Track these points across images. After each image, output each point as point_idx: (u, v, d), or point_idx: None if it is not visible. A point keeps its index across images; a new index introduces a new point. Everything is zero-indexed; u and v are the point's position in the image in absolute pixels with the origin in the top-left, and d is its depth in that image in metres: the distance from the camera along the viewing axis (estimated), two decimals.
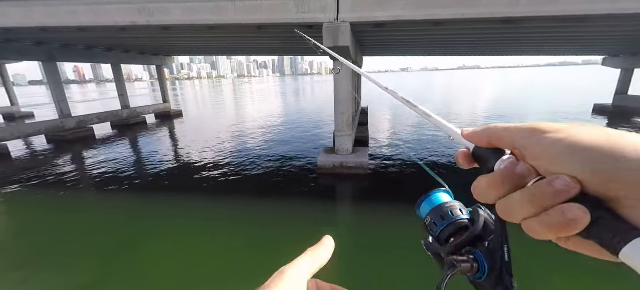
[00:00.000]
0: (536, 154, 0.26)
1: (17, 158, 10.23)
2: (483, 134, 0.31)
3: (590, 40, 10.96)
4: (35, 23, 7.43)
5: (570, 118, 14.82)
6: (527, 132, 0.27)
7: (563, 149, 0.24)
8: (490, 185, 0.28)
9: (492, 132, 0.30)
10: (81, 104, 33.48)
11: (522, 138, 0.27)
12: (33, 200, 6.65)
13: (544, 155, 0.25)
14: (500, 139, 0.30)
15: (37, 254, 4.50)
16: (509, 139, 0.29)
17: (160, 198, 6.58)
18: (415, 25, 7.02)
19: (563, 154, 0.24)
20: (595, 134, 0.23)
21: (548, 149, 0.25)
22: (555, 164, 0.24)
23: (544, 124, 0.27)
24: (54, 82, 13.29)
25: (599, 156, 0.22)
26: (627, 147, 0.21)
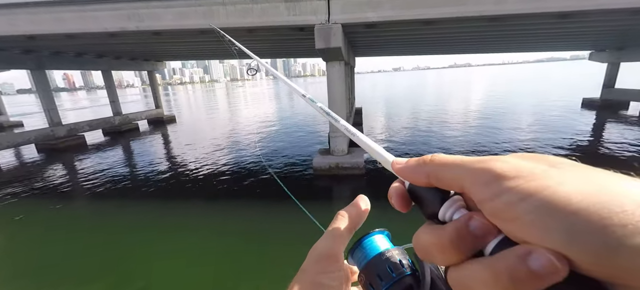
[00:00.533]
0: (496, 210, 0.18)
1: (7, 168, 10.01)
2: (419, 171, 0.24)
3: (577, 35, 11.22)
4: (21, 31, 7.31)
5: (560, 112, 15.13)
6: (481, 177, 0.19)
7: (537, 209, 0.16)
8: (436, 246, 0.20)
9: (432, 169, 0.23)
10: (71, 112, 32.92)
11: (474, 184, 0.20)
12: (23, 211, 6.51)
13: (507, 214, 0.17)
14: (442, 180, 0.22)
15: (28, 267, 4.41)
16: (456, 181, 0.21)
17: (154, 204, 6.51)
18: (405, 25, 7.10)
19: (538, 218, 0.16)
20: (581, 186, 0.16)
21: (513, 208, 0.17)
22: (527, 231, 0.16)
23: (503, 163, 0.19)
24: (43, 90, 13.05)
25: (592, 225, 0.14)
26: (630, 211, 0.14)
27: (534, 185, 0.17)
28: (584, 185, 0.16)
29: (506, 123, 13.08)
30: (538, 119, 13.68)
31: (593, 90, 20.07)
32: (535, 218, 0.16)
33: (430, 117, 16.01)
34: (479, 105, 19.95)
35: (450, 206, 0.21)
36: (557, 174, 0.17)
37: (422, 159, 0.24)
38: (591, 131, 11.14)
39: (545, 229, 0.15)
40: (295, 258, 1.91)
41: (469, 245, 0.19)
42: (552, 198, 0.16)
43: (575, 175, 0.17)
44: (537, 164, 0.18)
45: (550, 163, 0.18)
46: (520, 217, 0.16)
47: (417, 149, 9.69)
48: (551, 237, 0.15)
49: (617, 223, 0.14)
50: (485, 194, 0.18)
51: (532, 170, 0.18)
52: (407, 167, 0.25)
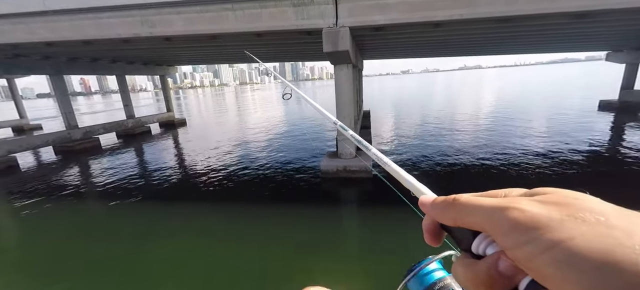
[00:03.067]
0: (518, 259, 0.19)
1: (26, 170, 10.40)
2: (446, 214, 0.25)
3: (592, 36, 10.88)
4: (41, 38, 7.62)
5: (576, 115, 14.66)
6: (500, 226, 0.20)
7: (554, 264, 0.17)
8: (471, 282, 0.22)
9: (456, 214, 0.24)
10: (87, 115, 34.01)
11: (495, 232, 0.20)
12: (41, 211, 6.74)
13: (529, 265, 0.18)
14: (469, 224, 0.23)
15: (46, 264, 4.55)
16: (481, 226, 0.22)
17: (166, 206, 6.63)
18: (414, 27, 7.04)
19: (556, 272, 0.16)
20: (606, 237, 0.16)
21: (533, 260, 0.18)
22: (549, 283, 0.17)
23: (521, 213, 0.19)
24: (61, 94, 13.56)
25: (614, 280, 0.15)
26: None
27: (549, 238, 0.17)
28: (598, 240, 0.16)
29: (519, 127, 12.75)
30: (553, 122, 13.29)
31: (610, 92, 19.39)
32: (554, 271, 0.16)
33: (440, 120, 15.78)
34: (491, 108, 19.54)
35: (482, 241, 0.22)
36: (572, 225, 0.17)
37: (446, 201, 0.25)
38: (609, 135, 10.73)
39: (564, 281, 0.16)
40: (301, 260, 1.87)
41: (501, 284, 0.20)
42: (567, 253, 0.16)
43: (590, 227, 0.17)
44: (555, 211, 0.19)
45: (570, 209, 0.18)
46: (541, 269, 0.17)
47: (427, 153, 9.55)
48: (570, 289, 0.16)
49: (632, 282, 0.14)
50: (506, 243, 0.19)
51: (548, 222, 0.18)
52: (433, 207, 0.26)
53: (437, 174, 7.66)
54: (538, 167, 7.57)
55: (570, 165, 7.59)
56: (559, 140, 9.96)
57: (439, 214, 0.26)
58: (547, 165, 7.65)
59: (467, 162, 8.27)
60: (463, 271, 0.22)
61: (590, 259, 0.15)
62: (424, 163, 8.51)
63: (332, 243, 4.76)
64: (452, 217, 0.24)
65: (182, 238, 5.13)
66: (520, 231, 0.19)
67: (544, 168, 7.46)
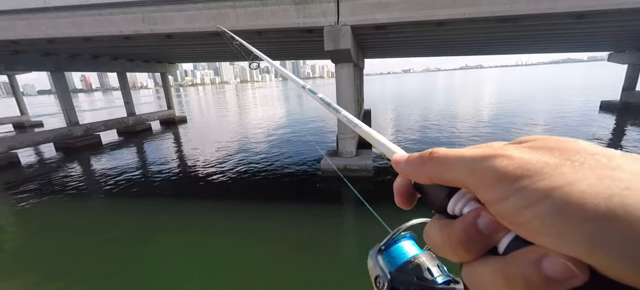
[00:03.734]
0: (503, 214, 0.16)
1: (27, 166, 10.43)
2: (421, 170, 0.22)
3: (594, 36, 10.84)
4: (42, 35, 7.61)
5: (577, 115, 14.63)
6: (483, 177, 0.17)
7: (547, 216, 0.14)
8: (445, 245, 0.19)
9: (433, 169, 0.21)
10: (88, 112, 34.05)
11: (477, 185, 0.18)
12: (42, 207, 6.76)
13: (516, 219, 0.15)
14: (448, 180, 0.20)
15: (47, 259, 4.57)
16: (462, 180, 0.19)
17: (166, 203, 6.64)
18: (415, 26, 7.03)
19: (549, 225, 0.14)
20: (598, 185, 0.14)
21: (521, 213, 0.15)
22: (539, 238, 0.15)
23: (509, 160, 0.17)
24: (62, 91, 13.56)
25: (612, 236, 0.12)
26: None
27: (543, 186, 0.15)
28: (601, 184, 0.14)
29: (519, 126, 12.74)
30: (553, 123, 13.27)
31: (612, 92, 19.33)
32: (547, 225, 0.14)
33: (440, 119, 15.77)
34: (491, 108, 19.51)
35: (459, 200, 0.20)
36: (570, 170, 0.15)
37: (421, 156, 0.22)
38: (610, 136, 10.71)
39: (558, 236, 0.14)
40: (301, 258, 1.89)
41: (479, 244, 0.18)
42: (564, 202, 0.14)
43: (592, 170, 0.15)
44: (549, 156, 0.16)
45: (565, 153, 0.16)
46: (529, 222, 0.15)
47: None
48: (567, 245, 0.13)
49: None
50: (490, 196, 0.17)
51: (541, 167, 0.15)
52: (407, 165, 0.23)
53: None
54: None
55: None
56: None
57: (413, 171, 0.23)
58: None
59: None
60: (436, 233, 0.20)
61: (593, 206, 0.13)
62: None
63: (331, 241, 4.77)
64: (427, 174, 0.21)
65: (182, 235, 5.14)
66: (509, 181, 0.16)
67: None
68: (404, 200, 0.25)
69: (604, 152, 0.16)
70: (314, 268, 4.06)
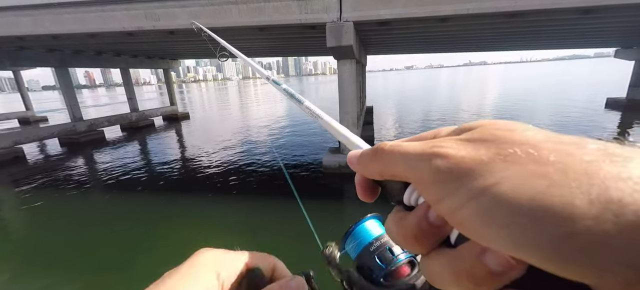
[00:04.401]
0: (441, 213, 0.16)
1: (33, 160, 10.56)
2: (372, 168, 0.22)
3: (601, 32, 10.68)
4: (46, 31, 7.66)
5: (582, 112, 14.48)
6: (422, 177, 0.17)
7: (476, 216, 0.14)
8: (402, 237, 0.19)
9: (381, 166, 0.21)
10: (92, 108, 34.29)
11: (418, 184, 0.18)
12: (48, 200, 6.85)
13: (453, 219, 0.15)
14: (394, 176, 0.20)
15: (52, 252, 4.65)
16: (404, 177, 0.19)
17: (170, 198, 6.70)
18: (419, 22, 6.97)
19: (479, 225, 0.14)
20: (525, 182, 0.13)
21: (455, 214, 0.15)
22: (475, 237, 0.15)
23: (444, 160, 0.16)
24: (66, 86, 13.67)
25: (544, 230, 0.12)
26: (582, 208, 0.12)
27: (473, 187, 0.15)
28: (527, 182, 0.13)
29: None
30: (557, 120, 13.16)
31: (618, 89, 19.08)
32: (477, 226, 0.14)
33: (443, 116, 15.69)
34: (495, 105, 19.37)
35: (413, 191, 0.20)
36: (500, 166, 0.15)
37: (372, 152, 0.22)
38: (616, 133, 10.60)
39: (489, 236, 0.14)
40: (301, 254, 1.89)
41: (431, 237, 0.18)
42: (490, 203, 0.14)
43: (519, 167, 0.14)
44: (483, 151, 0.16)
45: (499, 146, 0.16)
46: (463, 223, 0.15)
47: None
48: (497, 243, 0.13)
49: (565, 232, 0.12)
50: (429, 197, 0.17)
51: (472, 166, 0.15)
52: (360, 162, 0.23)
53: None
54: None
55: None
56: None
57: (364, 169, 0.23)
58: None
59: None
60: (394, 226, 0.20)
61: (518, 205, 0.13)
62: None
63: (332, 237, 4.79)
64: (378, 171, 0.21)
65: (185, 229, 5.19)
66: (442, 182, 0.16)
67: None
68: (366, 194, 0.24)
69: (532, 139, 0.16)
70: (314, 261, 4.09)
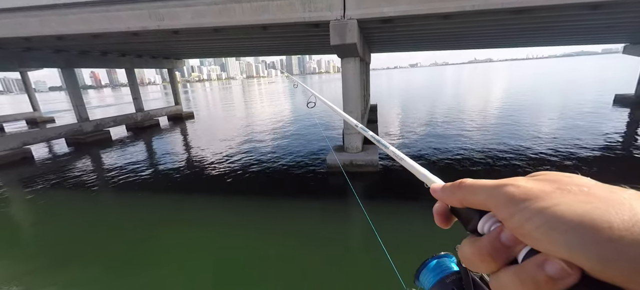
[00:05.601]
0: (513, 228, 0.22)
1: (40, 160, 10.72)
2: (454, 196, 0.28)
3: (609, 27, 10.48)
4: (52, 31, 7.74)
5: (590, 109, 14.23)
6: (499, 200, 0.23)
7: (541, 227, 0.19)
8: (476, 255, 0.24)
9: (462, 195, 0.27)
10: (98, 109, 34.68)
11: (495, 207, 0.23)
12: (54, 200, 6.95)
13: (522, 231, 0.21)
14: (473, 203, 0.26)
15: (59, 250, 4.71)
16: (483, 204, 0.25)
17: (175, 197, 6.75)
18: (423, 19, 6.90)
19: (543, 233, 0.19)
20: (575, 205, 0.19)
21: (524, 226, 0.21)
22: (539, 244, 0.20)
23: (516, 188, 0.23)
24: (72, 87, 13.83)
25: (584, 240, 0.17)
26: (616, 226, 0.17)
27: (538, 205, 0.20)
28: (578, 205, 0.19)
29: (530, 122, 12.47)
30: (565, 117, 12.94)
31: (626, 85, 18.73)
32: (541, 234, 0.19)
33: (448, 114, 15.55)
34: (501, 102, 19.14)
35: (487, 221, 0.25)
36: (559, 195, 0.20)
37: (453, 185, 0.28)
38: (624, 130, 10.40)
39: (549, 242, 0.19)
40: (308, 252, 1.88)
41: (503, 255, 0.22)
42: (552, 216, 0.19)
43: (575, 196, 0.20)
44: (546, 185, 0.22)
45: (558, 184, 0.22)
46: (531, 233, 0.20)
47: (434, 147, 9.44)
48: (556, 249, 0.18)
49: (605, 238, 0.17)
50: (504, 214, 0.22)
51: (538, 193, 0.21)
52: (443, 192, 0.29)
53: (445, 167, 7.58)
54: (543, 162, 7.42)
55: (578, 161, 7.41)
56: (569, 135, 9.70)
57: (448, 197, 0.29)
58: (554, 160, 7.49)
59: (475, 157, 8.16)
60: (469, 247, 0.25)
61: (570, 220, 0.18)
62: (431, 157, 8.43)
63: (336, 236, 4.79)
64: (459, 199, 0.27)
65: (190, 228, 5.22)
66: (515, 202, 0.21)
67: (549, 162, 7.31)
68: (443, 221, 0.30)
69: (586, 182, 0.22)
70: (319, 260, 4.09)
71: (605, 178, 0.17)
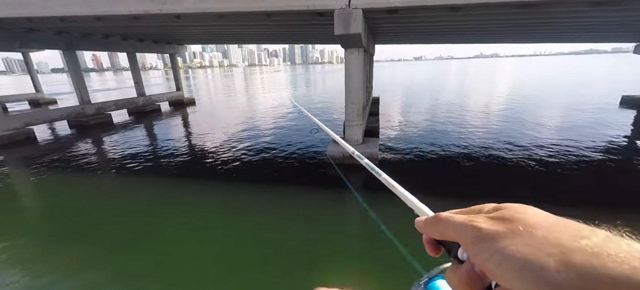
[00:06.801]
0: (478, 263, 0.25)
1: (43, 141, 10.79)
2: (434, 230, 0.31)
3: (620, 25, 10.26)
4: (54, 13, 7.66)
5: (595, 110, 14.09)
6: (465, 240, 0.27)
7: (502, 264, 0.23)
8: (457, 283, 0.28)
9: (439, 230, 0.30)
10: (100, 92, 34.63)
11: (464, 244, 0.27)
12: (57, 180, 7.03)
13: (485, 268, 0.24)
14: (450, 237, 0.29)
15: (58, 231, 4.80)
16: (455, 238, 0.28)
17: (174, 183, 6.81)
18: (429, 11, 6.77)
19: (503, 272, 0.23)
20: (530, 246, 0.22)
21: (484, 265, 0.24)
22: (500, 280, 0.23)
23: (477, 231, 0.26)
24: (74, 69, 13.78)
25: (531, 278, 0.21)
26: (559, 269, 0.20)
27: (494, 248, 0.24)
28: (523, 248, 0.22)
29: (533, 121, 12.37)
30: (569, 117, 12.82)
31: (635, 86, 18.46)
32: (500, 273, 0.23)
33: (451, 109, 15.45)
34: (505, 100, 18.97)
35: (464, 250, 0.28)
36: (510, 237, 0.24)
37: (431, 220, 0.32)
38: (629, 133, 10.31)
39: (506, 280, 0.22)
40: (306, 245, 1.90)
41: (478, 283, 0.26)
42: (503, 258, 0.23)
43: (524, 238, 0.23)
44: (502, 226, 0.25)
45: (512, 224, 0.25)
46: (492, 271, 0.23)
47: (435, 144, 9.42)
48: (513, 285, 0.22)
49: (543, 278, 0.20)
50: (470, 252, 0.26)
51: (494, 235, 0.24)
52: (425, 226, 0.33)
53: (445, 167, 7.59)
54: (542, 165, 7.40)
55: (575, 163, 7.38)
56: (571, 138, 9.57)
57: (429, 231, 0.32)
58: (552, 161, 7.46)
59: (475, 155, 8.14)
60: (452, 275, 0.28)
61: (517, 261, 0.22)
62: (432, 153, 8.42)
63: (335, 228, 4.84)
64: (438, 233, 0.31)
65: (191, 210, 5.29)
66: (476, 243, 0.25)
67: (546, 166, 7.29)
68: (432, 250, 0.34)
69: (533, 222, 0.24)
70: (317, 254, 4.15)
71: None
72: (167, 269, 3.88)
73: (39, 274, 3.81)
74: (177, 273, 3.77)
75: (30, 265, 3.97)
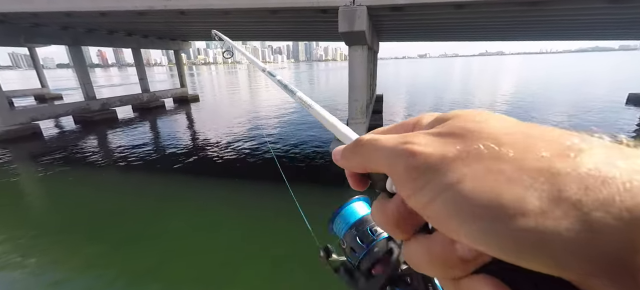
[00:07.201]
0: (415, 206, 0.17)
1: (49, 136, 10.92)
2: (353, 161, 0.22)
3: (629, 22, 10.07)
4: (59, 8, 7.71)
5: (601, 108, 13.89)
6: (399, 172, 0.17)
7: (449, 211, 0.14)
8: (383, 222, 0.20)
9: (361, 160, 0.21)
10: (105, 88, 34.88)
11: (396, 181, 0.18)
12: (63, 176, 7.11)
13: (426, 214, 0.16)
14: (375, 170, 0.20)
15: (65, 226, 4.87)
16: (382, 170, 0.19)
17: (178, 179, 6.86)
18: (434, 8, 6.70)
19: (452, 221, 0.14)
20: (496, 174, 0.14)
21: (429, 208, 0.15)
22: (448, 232, 0.15)
23: (414, 158, 0.17)
24: (80, 65, 13.89)
25: (501, 229, 0.13)
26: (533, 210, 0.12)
27: (438, 183, 0.15)
28: (486, 180, 0.14)
29: (539, 119, 12.24)
30: (574, 115, 12.67)
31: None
32: (443, 220, 0.15)
33: (455, 108, 15.31)
34: (509, 97, 18.78)
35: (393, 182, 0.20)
36: (464, 164, 0.15)
37: (352, 145, 0.22)
38: (634, 131, 10.17)
39: (457, 234, 0.14)
40: (308, 240, 1.88)
41: (410, 222, 0.18)
42: (453, 201, 0.14)
43: (481, 162, 0.15)
44: (450, 146, 0.16)
45: (465, 141, 0.16)
46: (432, 217, 0.15)
47: None
48: (466, 240, 0.14)
49: (519, 228, 0.12)
50: (402, 192, 0.17)
51: (438, 163, 0.16)
52: (342, 158, 0.23)
53: None
54: None
55: None
56: None
57: (348, 164, 0.23)
58: None
59: None
60: (377, 212, 0.20)
61: (477, 203, 0.13)
62: None
63: None
64: (360, 165, 0.21)
65: (195, 207, 5.33)
66: (413, 179, 0.16)
67: None
68: (356, 184, 0.24)
69: (498, 133, 0.16)
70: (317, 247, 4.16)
71: None
72: (171, 265, 3.92)
73: (43, 268, 3.87)
74: (181, 270, 3.81)
75: (35, 260, 4.03)
